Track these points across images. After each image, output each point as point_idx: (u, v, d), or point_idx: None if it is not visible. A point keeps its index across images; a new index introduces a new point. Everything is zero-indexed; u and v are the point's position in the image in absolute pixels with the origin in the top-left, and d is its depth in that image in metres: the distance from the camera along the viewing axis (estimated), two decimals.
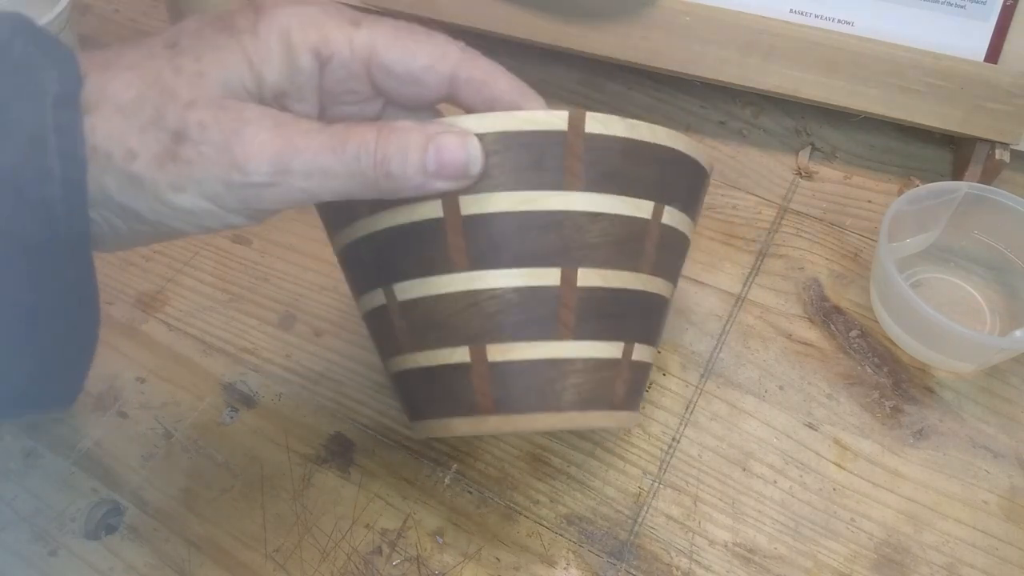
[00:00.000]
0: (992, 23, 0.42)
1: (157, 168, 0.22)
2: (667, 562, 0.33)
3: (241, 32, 0.23)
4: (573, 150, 0.26)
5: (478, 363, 0.27)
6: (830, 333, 0.40)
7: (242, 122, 0.23)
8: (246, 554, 0.33)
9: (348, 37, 0.24)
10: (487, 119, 0.25)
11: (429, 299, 0.27)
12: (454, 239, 0.26)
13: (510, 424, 0.28)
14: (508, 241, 0.26)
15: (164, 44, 0.23)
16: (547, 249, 0.26)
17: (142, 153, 0.22)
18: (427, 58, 0.25)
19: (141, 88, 0.22)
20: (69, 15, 0.48)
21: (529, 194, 0.26)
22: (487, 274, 0.26)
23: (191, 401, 0.37)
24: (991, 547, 0.34)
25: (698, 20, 0.44)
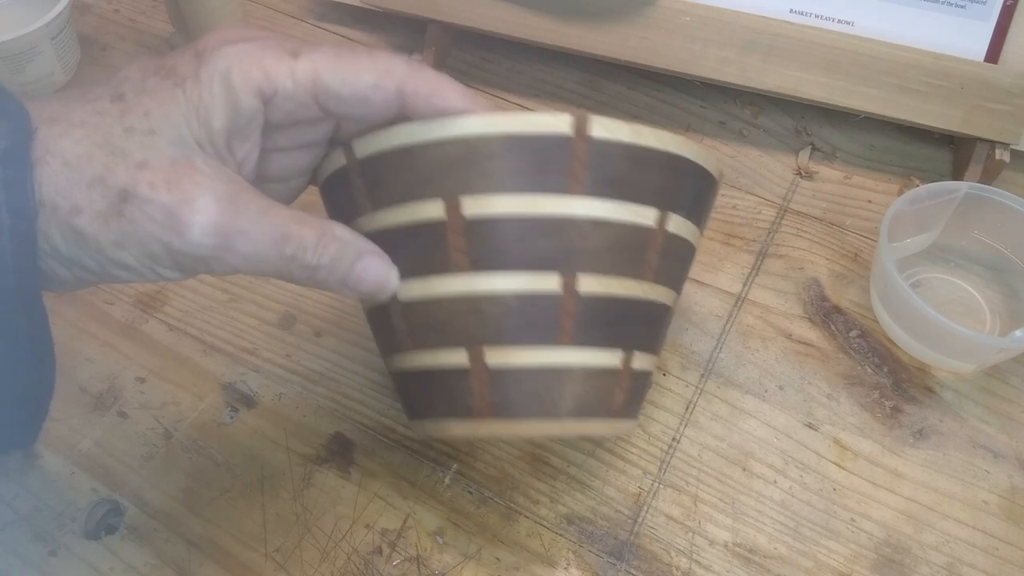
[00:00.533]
0: (992, 23, 0.42)
1: (101, 224, 0.23)
2: (667, 562, 0.33)
3: (184, 79, 0.24)
4: (577, 154, 0.26)
5: (477, 366, 0.27)
6: (830, 333, 0.40)
7: (193, 187, 0.23)
8: (246, 554, 0.33)
9: (289, 69, 0.24)
10: (493, 120, 0.25)
11: (429, 300, 0.27)
12: (455, 240, 0.26)
13: (506, 429, 0.27)
14: (510, 244, 0.26)
15: (111, 97, 0.24)
16: (548, 254, 0.26)
17: (87, 209, 0.22)
18: (371, 76, 0.25)
19: (89, 146, 0.23)
20: (69, 15, 0.48)
21: (532, 197, 0.26)
22: (488, 277, 0.26)
23: (191, 401, 0.37)
24: (991, 547, 0.34)
25: (698, 20, 0.44)
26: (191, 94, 0.24)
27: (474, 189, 0.26)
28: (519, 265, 0.26)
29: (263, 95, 0.24)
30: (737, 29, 0.44)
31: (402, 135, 0.26)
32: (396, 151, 0.26)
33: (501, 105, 0.50)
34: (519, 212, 0.26)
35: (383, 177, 0.27)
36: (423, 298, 0.27)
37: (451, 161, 0.26)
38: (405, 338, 0.28)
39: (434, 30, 0.49)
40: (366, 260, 0.26)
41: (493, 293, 0.26)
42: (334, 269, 0.25)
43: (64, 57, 0.49)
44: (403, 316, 0.28)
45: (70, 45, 0.49)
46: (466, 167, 0.26)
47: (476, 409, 0.27)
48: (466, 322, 0.27)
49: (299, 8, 0.56)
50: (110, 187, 0.22)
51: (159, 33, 0.53)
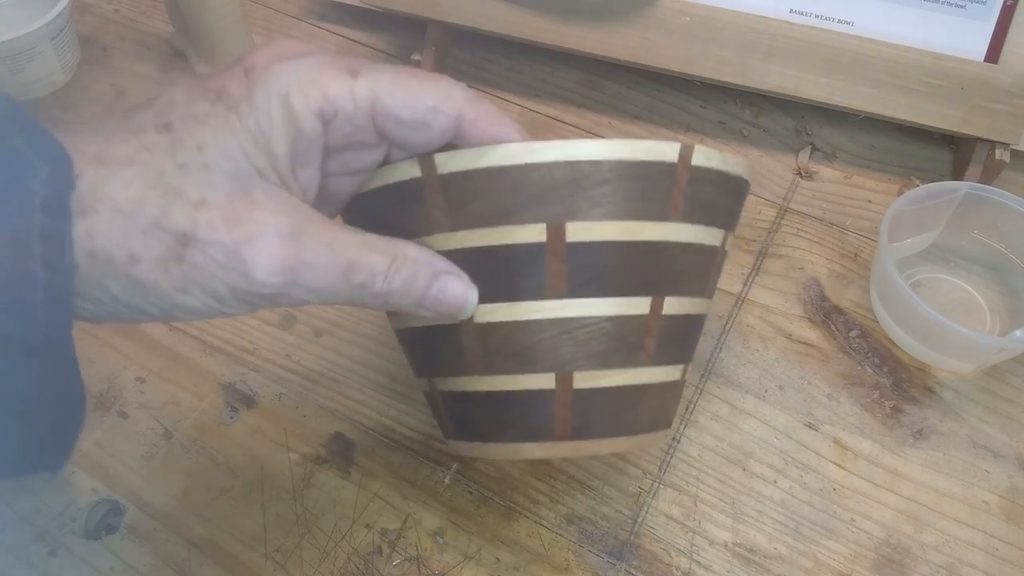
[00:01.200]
0: (992, 23, 0.42)
1: (162, 271, 0.21)
2: (667, 562, 0.33)
3: (237, 103, 0.22)
4: (679, 183, 0.26)
5: (563, 390, 0.27)
6: (830, 333, 0.40)
7: (254, 224, 0.22)
8: (246, 554, 0.33)
9: (349, 89, 0.23)
10: (607, 146, 0.25)
11: (515, 324, 0.26)
12: (555, 265, 0.25)
13: (583, 449, 0.28)
14: (609, 270, 0.26)
15: (156, 128, 0.22)
16: (643, 278, 0.26)
17: (145, 257, 0.21)
18: (432, 100, 0.24)
19: (142, 188, 0.21)
20: (69, 15, 0.48)
21: (633, 224, 0.26)
22: (584, 302, 0.26)
23: (191, 401, 0.37)
24: (991, 547, 0.34)
25: (698, 20, 0.44)
26: (247, 120, 0.22)
27: (581, 215, 0.25)
28: (615, 290, 0.26)
29: (324, 117, 0.23)
30: (737, 29, 0.44)
31: (502, 155, 0.25)
32: (492, 171, 0.25)
33: (502, 106, 0.50)
34: (620, 239, 0.26)
35: (470, 196, 0.25)
36: (507, 322, 0.26)
37: (558, 185, 0.25)
38: (477, 362, 0.27)
39: (434, 30, 0.49)
40: (443, 281, 0.25)
41: (587, 318, 0.26)
42: (407, 293, 0.24)
43: (64, 57, 0.49)
44: (479, 340, 0.27)
45: (70, 45, 0.49)
46: (573, 192, 0.25)
47: (557, 432, 0.27)
48: (555, 346, 0.26)
49: (299, 8, 0.56)
50: (167, 232, 0.21)
51: (159, 33, 0.53)
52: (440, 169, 0.25)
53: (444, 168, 0.25)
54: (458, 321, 0.26)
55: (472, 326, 0.27)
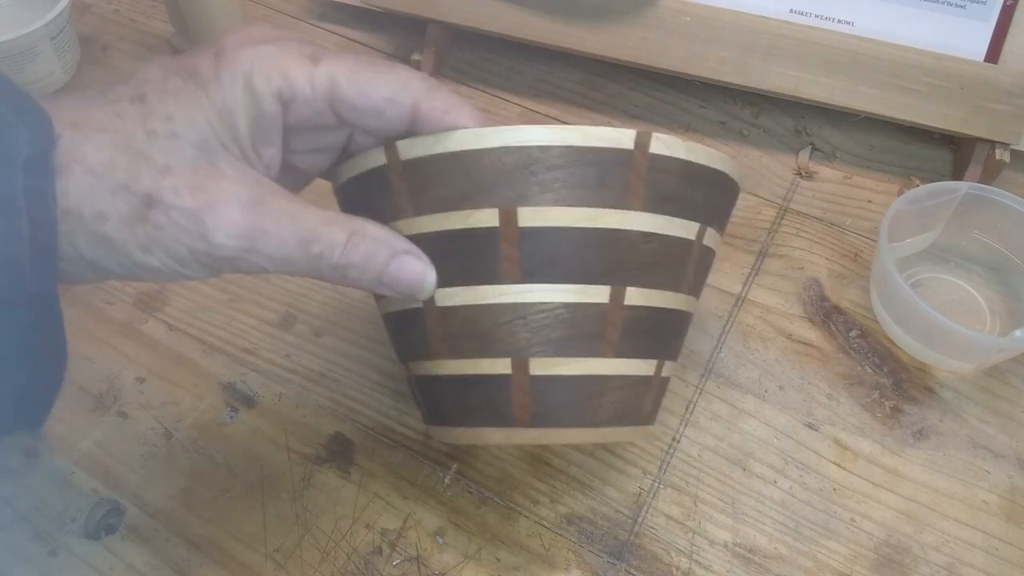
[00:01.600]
0: (992, 23, 0.42)
1: (127, 230, 0.23)
2: (667, 562, 0.33)
3: (206, 82, 0.24)
4: (637, 170, 0.26)
5: (519, 376, 0.27)
6: (830, 333, 0.40)
7: (217, 191, 0.23)
8: (246, 554, 0.33)
9: (308, 75, 0.24)
10: (556, 132, 0.25)
11: (473, 308, 0.27)
12: (508, 250, 0.26)
13: (544, 437, 0.28)
14: (563, 256, 0.26)
15: (131, 99, 0.23)
16: (600, 266, 0.26)
17: (112, 215, 0.22)
18: (388, 90, 0.25)
19: (112, 152, 0.22)
20: (69, 15, 0.48)
21: (589, 211, 0.26)
22: (538, 288, 0.26)
23: (191, 401, 0.37)
24: (991, 547, 0.34)
25: (698, 20, 0.44)
26: (214, 97, 0.23)
27: (531, 200, 0.25)
28: (570, 277, 0.26)
29: (282, 99, 0.24)
30: (737, 29, 0.44)
31: (456, 140, 0.25)
32: (447, 156, 0.26)
33: (502, 106, 0.50)
34: (575, 225, 0.26)
35: (430, 181, 0.26)
36: (465, 305, 0.27)
37: (508, 170, 0.25)
38: (440, 345, 0.28)
39: (434, 30, 0.49)
40: (402, 259, 0.26)
41: (542, 304, 0.26)
42: (366, 268, 0.25)
43: (64, 57, 0.49)
44: (440, 322, 0.27)
45: (70, 45, 0.49)
46: (523, 177, 0.25)
47: (516, 418, 0.27)
48: (512, 332, 0.26)
49: (299, 8, 0.56)
50: (134, 193, 0.22)
51: (159, 33, 0.53)
52: (402, 155, 0.26)
53: (406, 154, 0.26)
54: (419, 301, 0.27)
55: (434, 309, 0.27)
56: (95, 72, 0.51)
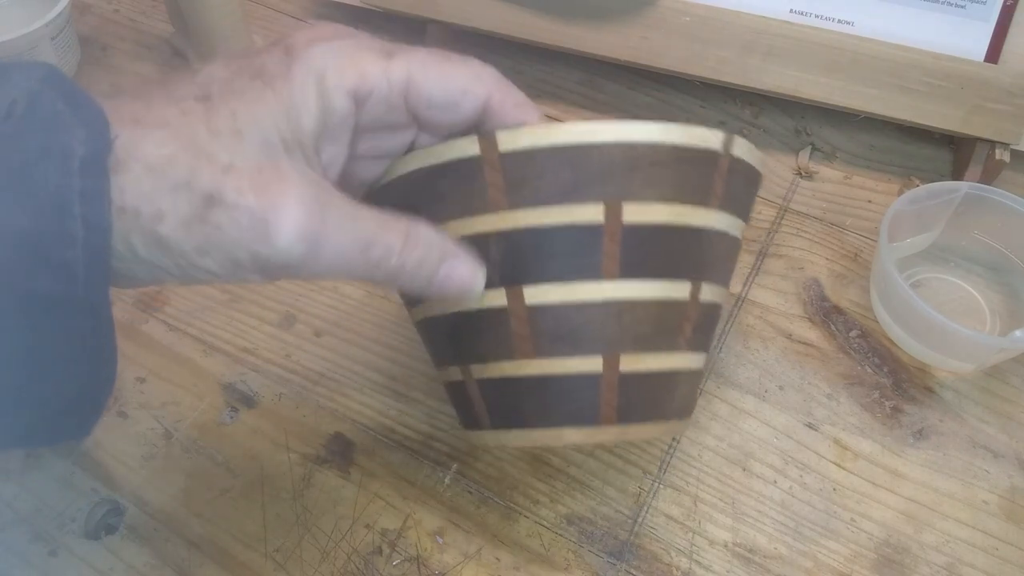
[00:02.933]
0: (992, 23, 0.42)
1: (185, 230, 0.22)
2: (667, 562, 0.33)
3: (274, 78, 0.23)
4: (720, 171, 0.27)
5: (610, 373, 0.27)
6: (830, 333, 0.40)
7: (281, 193, 0.22)
8: (246, 554, 0.33)
9: (384, 70, 0.24)
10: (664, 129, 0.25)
11: (567, 306, 0.26)
12: (610, 247, 0.25)
13: (624, 434, 0.28)
14: (658, 253, 0.26)
15: (196, 97, 0.23)
16: (685, 263, 0.27)
17: (170, 215, 0.22)
18: (464, 81, 0.25)
19: (174, 148, 0.22)
20: (69, 15, 0.48)
21: (683, 208, 0.26)
22: (633, 284, 0.26)
23: (191, 401, 0.37)
24: (991, 547, 0.34)
25: (698, 20, 0.44)
26: (281, 94, 0.23)
27: (637, 196, 0.25)
28: (661, 273, 0.26)
29: (357, 96, 0.24)
30: (737, 29, 0.44)
31: (565, 133, 0.25)
32: (554, 150, 0.25)
33: None
34: (671, 221, 0.26)
35: (531, 175, 0.25)
36: (560, 303, 0.26)
37: (615, 165, 0.25)
38: (525, 344, 0.27)
39: (434, 30, 0.49)
40: (451, 263, 0.25)
41: (636, 300, 0.26)
42: (418, 273, 0.25)
43: (64, 57, 0.49)
44: (528, 322, 0.26)
45: (70, 45, 0.49)
46: (630, 173, 0.25)
47: (603, 416, 0.27)
48: (604, 328, 0.26)
49: (299, 8, 0.56)
50: (195, 191, 0.21)
51: (159, 33, 0.53)
52: (502, 147, 0.25)
53: (506, 146, 0.25)
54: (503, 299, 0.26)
55: (523, 308, 0.26)
56: (95, 72, 0.51)
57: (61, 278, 0.21)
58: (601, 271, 0.26)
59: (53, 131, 0.20)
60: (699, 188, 0.26)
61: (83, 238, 0.20)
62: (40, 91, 0.21)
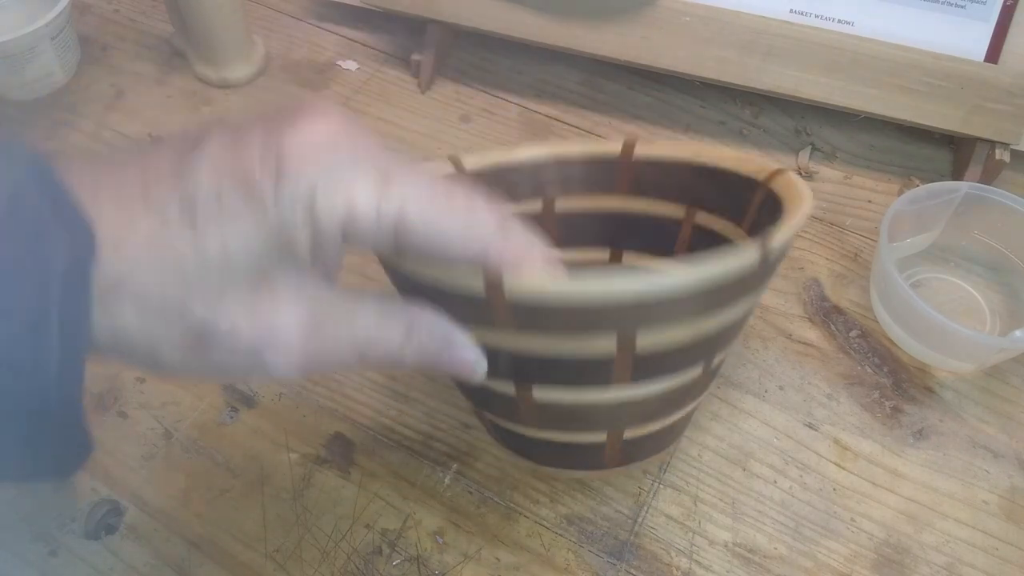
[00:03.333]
0: (992, 23, 0.42)
1: (180, 357, 0.22)
2: (667, 562, 0.33)
3: (263, 198, 0.22)
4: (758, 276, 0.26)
5: (613, 441, 0.30)
6: (830, 333, 0.40)
7: (273, 318, 0.22)
8: (246, 554, 0.33)
9: (376, 202, 0.22)
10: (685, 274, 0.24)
11: (576, 404, 0.28)
12: (621, 369, 0.26)
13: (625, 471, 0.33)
14: (673, 360, 0.27)
15: (180, 206, 0.21)
16: (703, 355, 0.28)
17: (165, 344, 0.22)
18: (458, 232, 0.23)
19: (162, 277, 0.21)
20: (69, 15, 0.48)
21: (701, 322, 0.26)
22: (647, 386, 0.27)
23: (191, 401, 0.37)
24: (991, 547, 0.34)
25: (698, 20, 0.44)
26: (272, 219, 0.22)
27: (650, 327, 0.25)
28: (675, 370, 0.28)
29: (344, 230, 0.23)
30: (737, 29, 0.44)
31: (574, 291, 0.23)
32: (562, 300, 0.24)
33: (502, 106, 0.50)
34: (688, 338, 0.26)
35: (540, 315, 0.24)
36: (569, 402, 0.28)
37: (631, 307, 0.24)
38: (533, 421, 0.29)
39: (434, 30, 0.49)
40: (454, 351, 0.25)
41: (647, 396, 0.28)
42: (420, 359, 0.25)
43: (64, 57, 0.49)
44: (536, 411, 0.28)
45: (70, 45, 0.49)
46: (646, 310, 0.24)
47: (607, 465, 0.31)
48: (612, 417, 0.28)
49: (299, 8, 0.56)
50: (188, 324, 0.22)
51: (159, 33, 0.53)
52: (508, 295, 0.24)
53: (512, 296, 0.24)
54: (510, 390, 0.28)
55: (530, 399, 0.28)
56: (95, 72, 0.51)
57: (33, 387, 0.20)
58: (611, 381, 0.27)
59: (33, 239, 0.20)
60: (728, 298, 0.26)
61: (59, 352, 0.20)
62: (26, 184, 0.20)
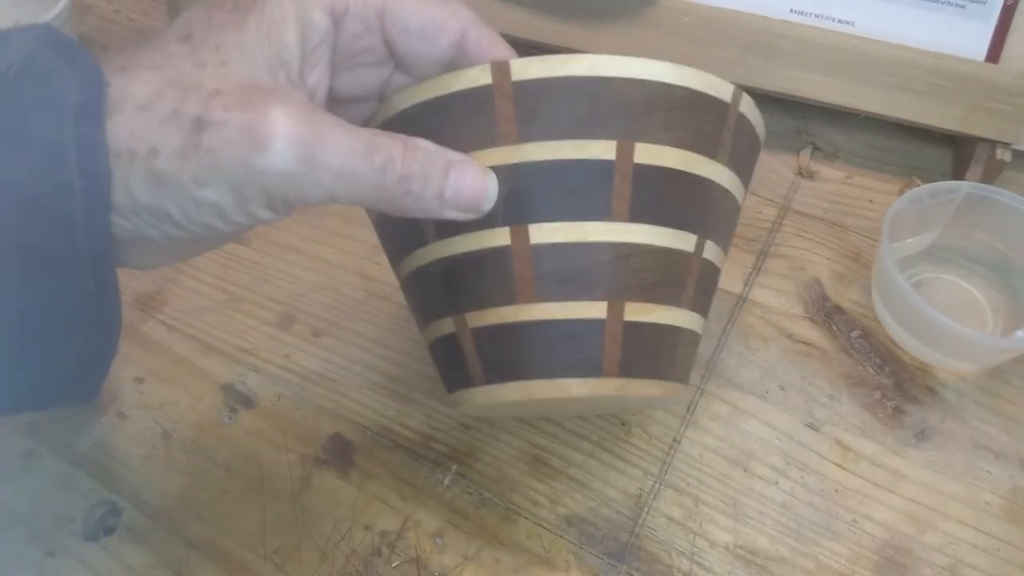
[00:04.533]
0: (993, 23, 0.42)
1: (180, 161, 0.21)
2: (668, 563, 0.33)
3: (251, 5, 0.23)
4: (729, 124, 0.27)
5: (613, 321, 0.26)
6: (831, 333, 0.40)
7: (269, 102, 0.22)
8: (245, 555, 0.33)
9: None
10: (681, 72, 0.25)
11: (574, 246, 0.25)
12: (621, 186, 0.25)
13: (626, 388, 0.27)
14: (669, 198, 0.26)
15: (177, 39, 0.23)
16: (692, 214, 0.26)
17: (164, 148, 0.21)
18: (440, 14, 0.25)
19: (161, 85, 0.22)
20: (69, 15, 0.48)
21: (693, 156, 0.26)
22: (643, 228, 0.26)
23: (190, 401, 0.37)
24: (993, 548, 0.34)
25: (698, 20, 0.44)
26: (260, 20, 0.23)
27: (649, 137, 0.25)
28: (670, 221, 0.26)
29: (334, 13, 0.24)
30: (737, 29, 0.44)
31: (583, 66, 0.24)
32: (570, 81, 0.24)
33: None
34: (681, 168, 0.25)
35: (544, 106, 0.24)
36: (566, 243, 0.25)
37: (631, 103, 0.25)
38: (526, 288, 0.26)
39: None
40: (459, 169, 0.24)
41: (644, 245, 0.26)
42: (427, 179, 0.24)
43: None
44: (532, 262, 0.25)
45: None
46: (646, 113, 0.25)
47: (606, 367, 0.26)
48: (611, 272, 0.25)
49: None
50: (184, 119, 0.21)
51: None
52: (515, 76, 0.24)
53: (520, 75, 0.24)
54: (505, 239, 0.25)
55: (527, 248, 0.25)
56: None
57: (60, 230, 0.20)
58: (611, 211, 0.25)
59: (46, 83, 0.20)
60: (709, 138, 0.26)
61: (81, 187, 0.20)
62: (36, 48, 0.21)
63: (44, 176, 0.20)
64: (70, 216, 0.21)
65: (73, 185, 0.20)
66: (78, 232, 0.21)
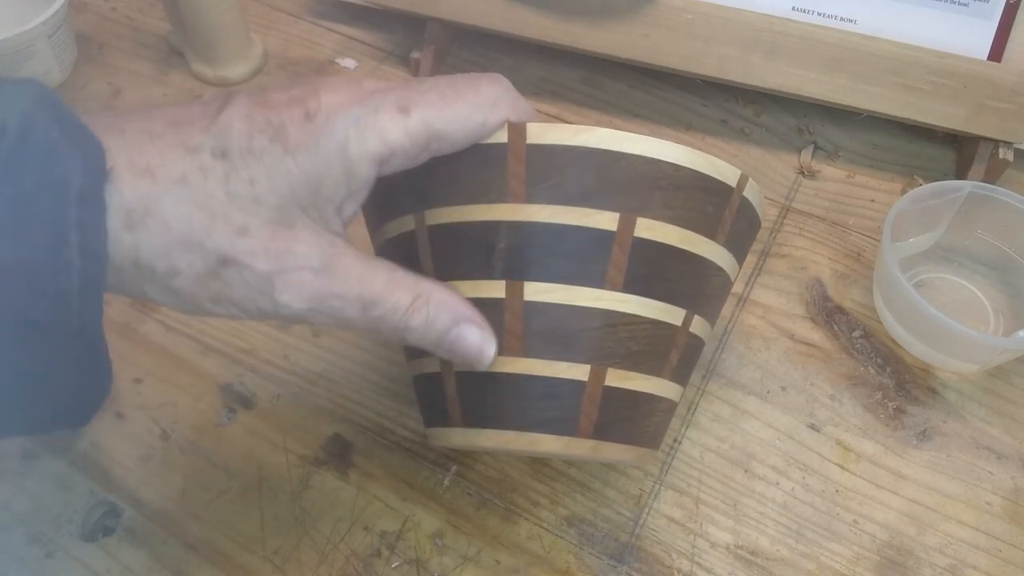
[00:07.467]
0: (996, 22, 0.42)
1: (198, 285, 0.23)
2: (668, 564, 0.33)
3: (297, 149, 0.23)
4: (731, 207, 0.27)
5: (594, 385, 0.27)
6: (833, 333, 0.40)
7: (290, 257, 0.23)
8: (244, 556, 0.33)
9: (404, 129, 0.24)
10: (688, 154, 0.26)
11: (565, 308, 0.26)
12: (619, 257, 0.26)
13: (598, 451, 0.27)
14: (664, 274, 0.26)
15: (212, 152, 0.23)
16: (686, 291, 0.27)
17: (185, 271, 0.23)
18: (481, 115, 0.25)
19: (191, 208, 0.22)
20: (66, 13, 0.48)
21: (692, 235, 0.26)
22: (634, 300, 0.26)
23: (189, 402, 0.37)
24: (994, 549, 0.34)
25: (700, 18, 0.44)
26: (303, 166, 0.23)
27: (652, 213, 0.26)
28: (662, 295, 0.27)
29: (381, 160, 0.24)
30: (739, 27, 0.44)
31: (596, 138, 0.25)
32: (581, 151, 0.25)
33: None
34: (679, 246, 0.26)
35: (553, 171, 0.25)
36: (558, 304, 0.26)
37: (638, 179, 0.25)
38: (515, 342, 0.27)
39: (433, 28, 0.49)
40: (462, 328, 0.26)
41: (634, 316, 0.26)
42: (426, 333, 0.25)
43: (61, 55, 0.48)
44: (524, 319, 0.26)
45: (67, 43, 0.49)
46: (650, 189, 0.25)
47: (581, 428, 0.27)
48: (598, 338, 0.26)
49: (298, 6, 0.55)
50: (209, 252, 0.23)
51: (156, 31, 0.53)
52: (531, 139, 0.25)
53: (535, 139, 0.25)
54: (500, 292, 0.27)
55: (519, 303, 0.26)
56: (92, 70, 0.51)
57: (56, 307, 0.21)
58: (605, 279, 0.26)
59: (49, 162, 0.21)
60: (710, 218, 0.27)
61: (79, 267, 0.21)
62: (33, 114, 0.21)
63: (44, 256, 0.21)
64: (66, 294, 0.21)
65: (71, 265, 0.21)
66: (72, 308, 0.21)
